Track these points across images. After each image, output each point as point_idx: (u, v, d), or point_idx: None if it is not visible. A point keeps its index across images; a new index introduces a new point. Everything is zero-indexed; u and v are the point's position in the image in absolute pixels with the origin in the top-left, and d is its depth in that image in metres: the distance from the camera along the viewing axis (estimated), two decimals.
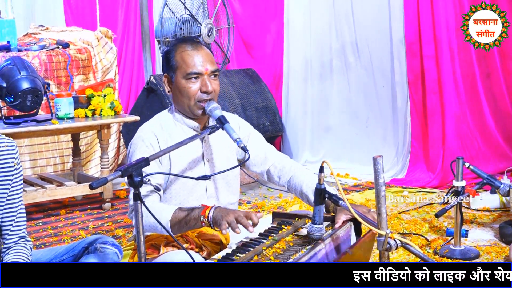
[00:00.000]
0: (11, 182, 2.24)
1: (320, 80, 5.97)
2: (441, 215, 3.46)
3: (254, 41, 6.36)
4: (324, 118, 6.01)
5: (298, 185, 2.60)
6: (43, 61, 5.11)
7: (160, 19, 5.11)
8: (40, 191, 4.48)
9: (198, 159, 2.52)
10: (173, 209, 2.31)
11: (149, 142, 2.46)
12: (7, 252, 2.24)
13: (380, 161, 2.08)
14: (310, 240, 2.24)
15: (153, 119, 2.59)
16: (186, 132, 2.51)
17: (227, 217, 2.19)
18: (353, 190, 5.04)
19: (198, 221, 2.25)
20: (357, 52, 5.64)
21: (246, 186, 5.33)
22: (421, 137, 5.25)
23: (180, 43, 2.52)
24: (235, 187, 2.64)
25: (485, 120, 5.17)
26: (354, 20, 5.59)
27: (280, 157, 2.72)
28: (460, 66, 5.10)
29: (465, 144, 5.16)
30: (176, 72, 2.47)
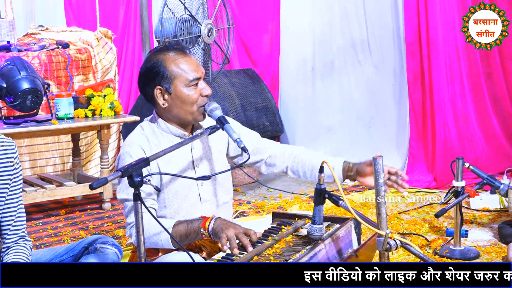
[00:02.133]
0: (10, 182, 2.24)
1: (320, 80, 5.97)
2: (441, 215, 3.46)
3: (252, 42, 6.36)
4: (324, 118, 6.01)
5: (307, 160, 2.59)
6: (43, 61, 5.11)
7: (160, 19, 5.10)
8: (40, 191, 4.48)
9: (188, 165, 2.51)
10: (171, 222, 2.30)
11: (136, 156, 2.38)
12: (6, 252, 2.24)
13: (380, 161, 2.08)
14: (310, 240, 2.24)
15: (136, 131, 2.52)
16: (174, 141, 2.47)
17: (227, 230, 2.19)
18: (353, 190, 5.04)
19: (198, 233, 2.27)
20: (358, 52, 5.64)
21: (246, 186, 5.33)
22: (421, 137, 5.25)
23: (163, 53, 2.46)
24: (227, 186, 2.63)
25: (487, 120, 5.17)
26: (358, 19, 5.59)
27: (276, 145, 2.72)
28: (459, 66, 5.10)
29: (464, 144, 5.16)
30: (174, 82, 2.42)
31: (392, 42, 5.38)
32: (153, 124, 2.52)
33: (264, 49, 6.28)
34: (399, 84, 5.40)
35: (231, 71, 6.07)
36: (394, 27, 5.35)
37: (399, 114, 5.44)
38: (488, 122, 5.18)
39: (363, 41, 5.58)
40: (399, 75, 5.37)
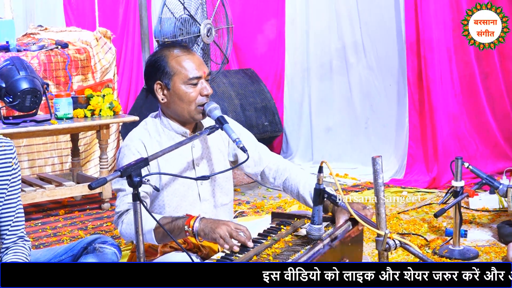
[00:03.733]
0: (8, 182, 2.24)
1: (320, 80, 5.97)
2: (440, 215, 3.46)
3: (255, 42, 6.36)
4: (324, 119, 6.01)
5: (295, 186, 2.59)
6: (42, 61, 5.11)
7: (159, 19, 5.10)
8: (39, 191, 4.48)
9: (188, 165, 2.50)
10: (157, 217, 2.29)
11: (136, 150, 2.42)
12: (5, 252, 2.24)
13: (379, 161, 2.08)
14: (309, 240, 2.24)
15: (140, 126, 2.55)
16: (175, 139, 2.48)
17: (218, 230, 2.16)
18: (352, 190, 5.04)
19: (182, 230, 2.22)
20: (357, 53, 5.64)
21: (245, 186, 5.33)
22: (420, 137, 5.25)
23: (168, 49, 2.48)
24: (227, 188, 2.62)
25: (484, 120, 5.18)
26: (355, 20, 5.59)
27: (274, 157, 2.70)
28: (459, 66, 5.10)
29: (464, 144, 5.16)
30: (174, 79, 2.44)
31: (392, 42, 5.38)
32: (157, 120, 2.54)
33: (268, 49, 6.28)
34: (397, 84, 5.40)
35: (230, 71, 6.06)
36: (394, 28, 5.35)
37: (398, 114, 5.44)
38: (486, 122, 5.19)
39: (357, 42, 5.58)
40: (398, 76, 5.37)
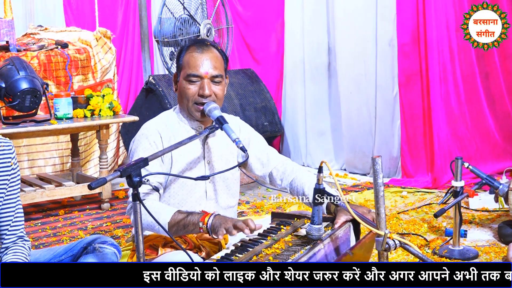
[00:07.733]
0: (8, 182, 2.24)
1: (320, 80, 5.97)
2: (440, 215, 3.46)
3: (256, 42, 6.36)
4: (324, 119, 6.00)
5: (300, 187, 2.60)
6: (42, 61, 5.11)
7: (159, 19, 5.10)
8: (39, 191, 4.48)
9: (199, 160, 2.52)
10: (172, 211, 2.30)
11: (152, 140, 2.47)
12: (5, 252, 2.24)
13: (379, 161, 2.08)
14: (309, 240, 2.24)
15: (158, 116, 2.60)
16: (189, 132, 2.52)
17: (225, 224, 2.18)
18: (352, 190, 5.04)
19: (196, 226, 2.24)
20: (352, 54, 5.62)
21: (245, 186, 5.33)
22: (417, 138, 5.24)
23: (192, 44, 2.54)
24: (234, 190, 2.64)
25: (484, 120, 5.17)
26: (345, 22, 5.57)
27: (281, 159, 2.72)
28: (459, 66, 5.10)
29: (464, 144, 5.16)
30: (181, 72, 2.50)
31: (385, 45, 5.35)
32: (175, 113, 2.59)
33: (268, 50, 6.28)
34: (391, 86, 5.38)
35: (230, 71, 6.06)
36: (382, 30, 5.32)
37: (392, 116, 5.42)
38: (486, 122, 5.18)
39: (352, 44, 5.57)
40: (390, 77, 5.34)
